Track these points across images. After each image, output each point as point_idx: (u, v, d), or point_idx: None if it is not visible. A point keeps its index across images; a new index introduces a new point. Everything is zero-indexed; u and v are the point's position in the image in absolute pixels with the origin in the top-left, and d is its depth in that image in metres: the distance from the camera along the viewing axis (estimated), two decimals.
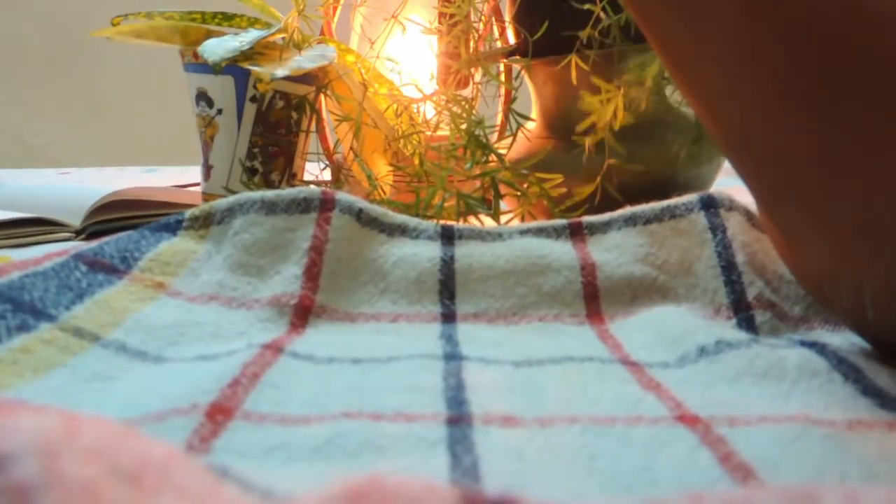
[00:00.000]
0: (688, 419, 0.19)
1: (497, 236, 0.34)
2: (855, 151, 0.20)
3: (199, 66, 0.45)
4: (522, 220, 0.40)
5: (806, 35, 0.20)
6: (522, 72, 0.45)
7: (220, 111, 0.43)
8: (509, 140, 0.43)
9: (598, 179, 0.40)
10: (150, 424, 0.17)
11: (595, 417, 0.19)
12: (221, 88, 0.43)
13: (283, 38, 0.46)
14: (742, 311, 0.28)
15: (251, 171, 0.43)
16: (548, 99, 0.45)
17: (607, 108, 0.36)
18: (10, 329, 0.21)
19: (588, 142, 0.38)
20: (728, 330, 0.26)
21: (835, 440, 0.18)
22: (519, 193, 0.40)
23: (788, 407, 0.20)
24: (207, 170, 0.47)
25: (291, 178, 0.46)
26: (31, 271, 0.25)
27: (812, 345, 0.24)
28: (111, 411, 0.18)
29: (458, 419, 0.19)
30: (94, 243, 0.29)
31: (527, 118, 0.43)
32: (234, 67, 0.43)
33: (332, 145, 0.48)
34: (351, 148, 0.42)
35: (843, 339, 0.26)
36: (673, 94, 0.43)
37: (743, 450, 0.17)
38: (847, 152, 0.20)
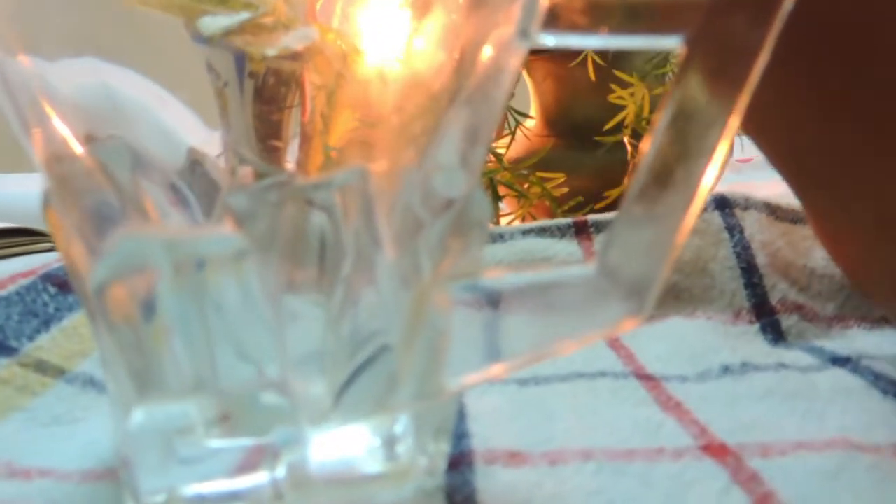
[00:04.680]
0: (715, 449, 0.17)
1: (498, 237, 0.32)
2: (875, 146, 0.19)
3: (202, 38, 0.43)
4: (523, 221, 0.39)
5: (833, 33, 0.18)
6: (521, 68, 0.43)
7: (226, 84, 0.42)
8: (508, 139, 0.41)
9: (626, 180, 0.38)
10: (108, 481, 0.16)
11: (611, 451, 0.17)
12: (223, 63, 0.42)
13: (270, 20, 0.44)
14: (765, 316, 0.26)
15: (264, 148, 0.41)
16: (547, 96, 0.43)
17: (634, 101, 0.34)
18: None
19: (626, 137, 0.37)
20: (755, 348, 0.24)
21: (883, 470, 0.16)
22: (519, 194, 0.38)
23: (825, 429, 0.18)
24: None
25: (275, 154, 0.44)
26: None
27: (845, 361, 0.22)
28: (68, 462, 0.16)
29: (459, 460, 0.17)
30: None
31: (526, 116, 0.41)
32: (232, 45, 0.41)
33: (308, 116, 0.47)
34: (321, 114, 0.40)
35: (882, 341, 0.24)
36: None
37: (780, 488, 0.15)
38: (867, 147, 0.19)
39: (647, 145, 0.13)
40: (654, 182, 0.13)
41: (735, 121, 0.12)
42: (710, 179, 0.13)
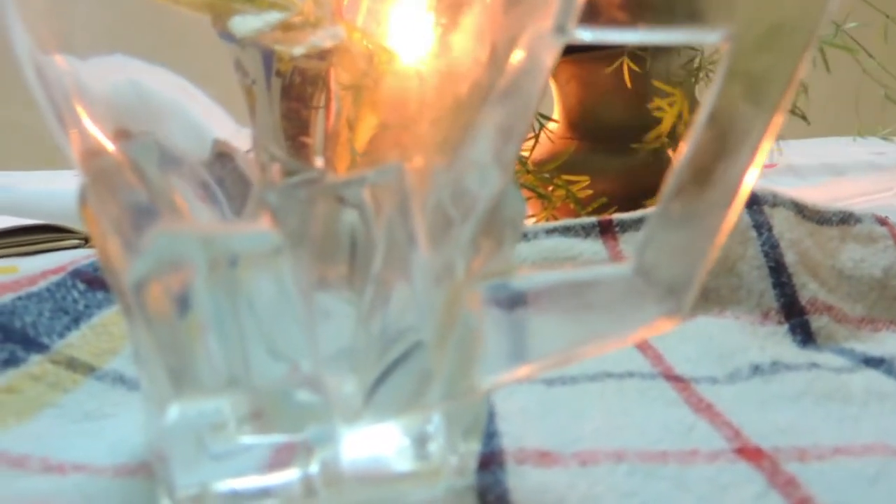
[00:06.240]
0: (749, 452, 0.17)
1: (521, 238, 0.32)
2: None
3: (230, 36, 0.43)
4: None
5: None
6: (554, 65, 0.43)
7: (253, 82, 0.42)
8: (531, 142, 0.41)
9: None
10: (142, 476, 0.16)
11: (643, 452, 0.17)
12: (252, 61, 0.42)
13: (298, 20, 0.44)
14: (795, 316, 0.25)
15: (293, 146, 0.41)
16: (571, 98, 0.43)
17: (674, 110, 0.34)
18: None
19: (670, 148, 0.36)
20: (785, 349, 0.23)
21: None
22: (542, 196, 0.37)
23: (861, 433, 0.18)
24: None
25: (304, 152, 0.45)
26: (24, 293, 0.23)
27: (879, 362, 0.21)
28: (101, 457, 0.16)
29: (490, 459, 0.17)
30: (95, 256, 0.27)
31: (549, 118, 0.41)
32: (260, 44, 0.42)
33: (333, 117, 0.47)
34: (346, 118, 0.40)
35: None
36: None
37: (818, 493, 0.15)
38: None
39: (685, 143, 0.13)
40: (693, 180, 0.13)
41: (779, 119, 0.12)
42: (752, 179, 0.13)
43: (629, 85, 0.38)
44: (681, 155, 0.13)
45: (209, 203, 0.17)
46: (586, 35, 0.13)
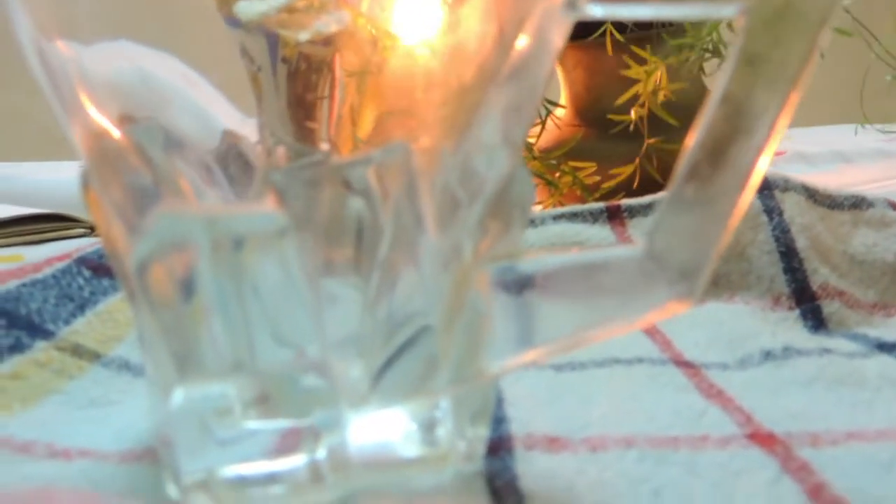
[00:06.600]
0: (762, 438, 0.17)
1: (529, 222, 0.32)
2: None
3: (236, 21, 0.43)
4: None
5: None
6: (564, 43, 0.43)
7: (259, 68, 0.42)
8: (538, 128, 0.41)
9: (637, 160, 0.37)
10: (147, 462, 0.15)
11: (653, 438, 0.17)
12: (257, 47, 0.42)
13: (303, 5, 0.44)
14: (806, 301, 0.25)
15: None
16: (578, 85, 0.43)
17: (651, 78, 0.33)
18: (2, 350, 0.19)
19: (635, 115, 0.36)
20: (796, 334, 0.23)
21: None
22: (548, 183, 0.37)
23: (874, 419, 0.18)
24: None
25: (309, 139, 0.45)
26: (28, 280, 0.23)
27: (892, 347, 0.21)
28: (106, 443, 0.16)
29: (498, 445, 0.16)
30: (100, 244, 0.27)
31: (556, 105, 0.41)
32: (265, 28, 0.41)
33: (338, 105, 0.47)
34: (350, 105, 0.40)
35: None
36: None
37: (833, 478, 0.15)
38: None
39: (698, 122, 0.13)
40: (706, 163, 0.13)
41: (796, 97, 0.12)
42: (766, 162, 0.12)
43: (610, 52, 0.37)
44: (694, 134, 0.13)
45: (214, 187, 0.17)
46: (597, 10, 0.13)
